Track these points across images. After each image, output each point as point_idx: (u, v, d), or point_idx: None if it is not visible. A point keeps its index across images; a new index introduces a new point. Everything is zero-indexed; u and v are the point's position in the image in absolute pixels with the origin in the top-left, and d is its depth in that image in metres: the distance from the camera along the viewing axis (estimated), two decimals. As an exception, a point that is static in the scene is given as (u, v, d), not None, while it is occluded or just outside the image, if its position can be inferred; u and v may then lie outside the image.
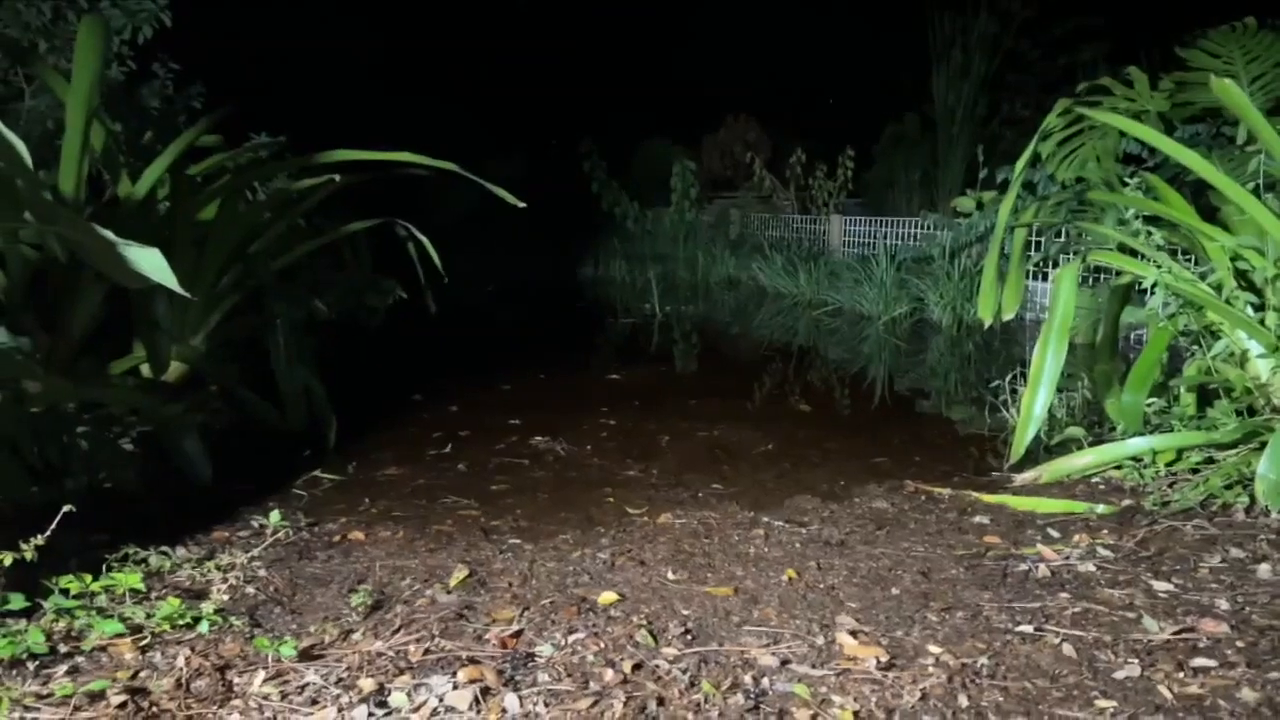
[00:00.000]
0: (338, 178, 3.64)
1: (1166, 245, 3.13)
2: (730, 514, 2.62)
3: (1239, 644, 1.62)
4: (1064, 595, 1.87)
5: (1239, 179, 2.99)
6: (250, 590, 1.98)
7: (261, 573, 2.09)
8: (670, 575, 2.11)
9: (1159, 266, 2.86)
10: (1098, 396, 3.22)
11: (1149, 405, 2.96)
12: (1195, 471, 2.62)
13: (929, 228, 7.96)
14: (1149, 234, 3.08)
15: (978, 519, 2.46)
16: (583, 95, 16.33)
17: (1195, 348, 2.92)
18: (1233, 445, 2.61)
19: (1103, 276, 5.78)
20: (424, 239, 3.89)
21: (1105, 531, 2.27)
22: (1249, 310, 2.74)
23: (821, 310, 7.87)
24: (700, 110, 15.19)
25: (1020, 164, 3.22)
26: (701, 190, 12.74)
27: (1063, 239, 6.37)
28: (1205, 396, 2.93)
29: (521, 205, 3.36)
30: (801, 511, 2.62)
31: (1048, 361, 2.81)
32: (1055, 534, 2.31)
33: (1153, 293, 2.90)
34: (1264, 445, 2.38)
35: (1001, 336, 6.01)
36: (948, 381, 4.84)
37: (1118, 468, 2.75)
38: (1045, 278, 6.52)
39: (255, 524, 2.51)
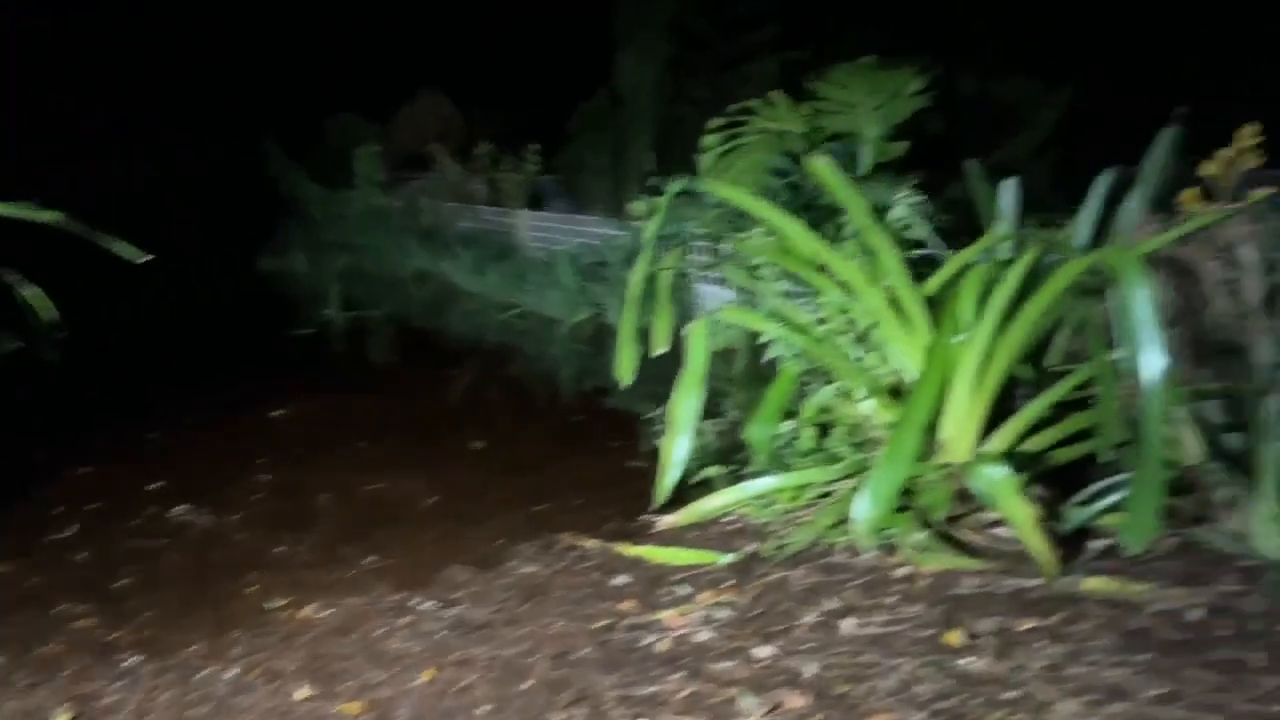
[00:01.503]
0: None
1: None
2: (380, 597, 2.56)
3: (817, 718, 1.80)
4: (678, 676, 2.00)
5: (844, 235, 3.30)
6: None
7: None
8: (300, 694, 2.01)
9: (778, 315, 3.12)
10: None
11: (794, 440, 3.21)
12: (814, 507, 2.89)
13: (610, 229, 8.20)
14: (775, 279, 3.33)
15: (619, 579, 2.57)
16: (261, 63, 14.96)
17: (815, 385, 3.21)
18: (845, 479, 2.91)
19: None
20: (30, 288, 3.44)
21: (728, 586, 2.45)
22: (857, 352, 3.05)
23: (510, 314, 7.89)
24: (397, 80, 14.37)
25: (658, 220, 3.38)
26: (393, 172, 12.24)
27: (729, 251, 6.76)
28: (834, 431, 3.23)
29: (142, 259, 3.05)
30: (453, 586, 2.61)
31: (685, 409, 2.96)
32: (685, 591, 2.46)
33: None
34: (867, 483, 2.66)
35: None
36: (620, 399, 5.01)
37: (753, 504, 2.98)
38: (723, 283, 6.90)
39: None
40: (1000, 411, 2.83)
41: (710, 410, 3.45)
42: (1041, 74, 9.86)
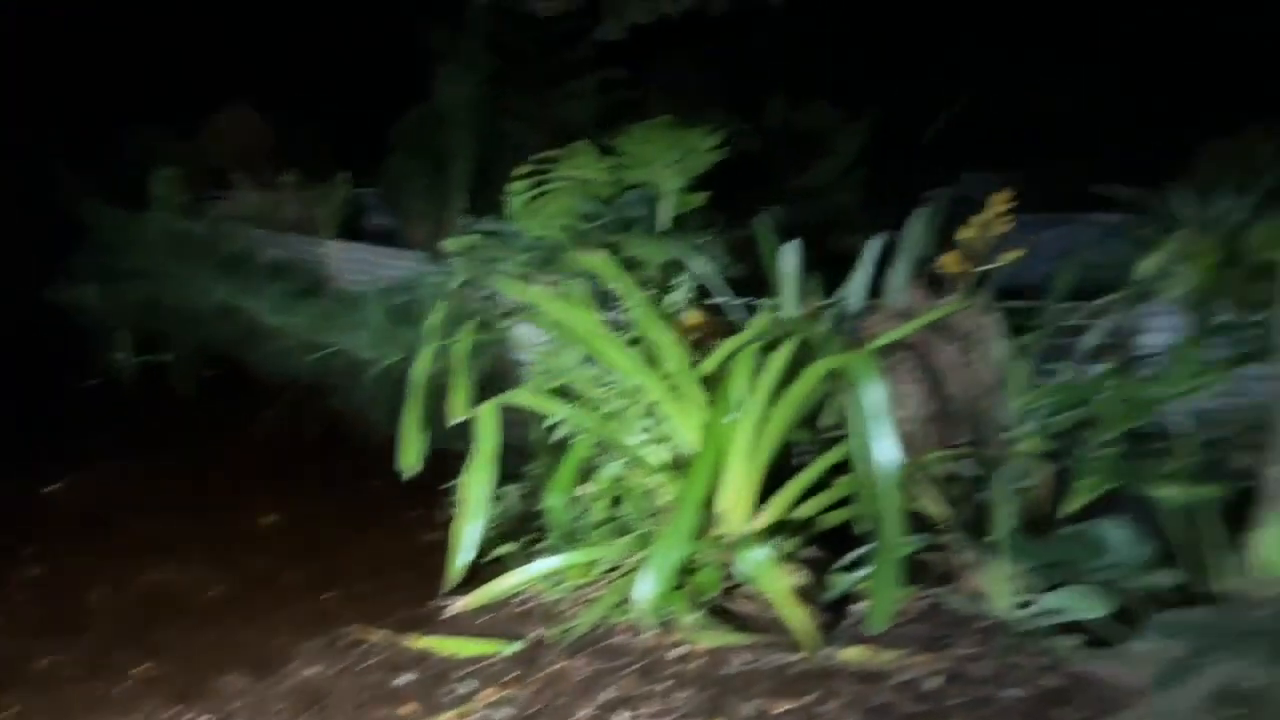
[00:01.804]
0: None
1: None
2: (150, 714, 2.45)
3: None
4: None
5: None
6: None
7: None
8: None
9: (571, 386, 3.19)
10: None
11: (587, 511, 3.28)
12: (604, 582, 2.98)
13: (424, 265, 8.08)
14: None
15: (402, 679, 2.56)
16: (52, 71, 13.69)
17: (608, 455, 3.29)
18: (634, 554, 3.01)
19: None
20: None
21: (510, 679, 2.49)
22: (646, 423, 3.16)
23: (320, 354, 7.63)
24: (204, 91, 13.47)
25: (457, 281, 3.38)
26: (196, 192, 11.58)
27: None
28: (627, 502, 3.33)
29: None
30: (228, 697, 2.53)
31: (477, 491, 2.98)
32: (468, 688, 2.48)
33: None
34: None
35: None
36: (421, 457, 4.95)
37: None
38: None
39: None
40: (779, 475, 3.01)
41: (514, 472, 3.49)
42: (846, 102, 10.44)
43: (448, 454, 3.14)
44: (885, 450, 2.30)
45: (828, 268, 3.86)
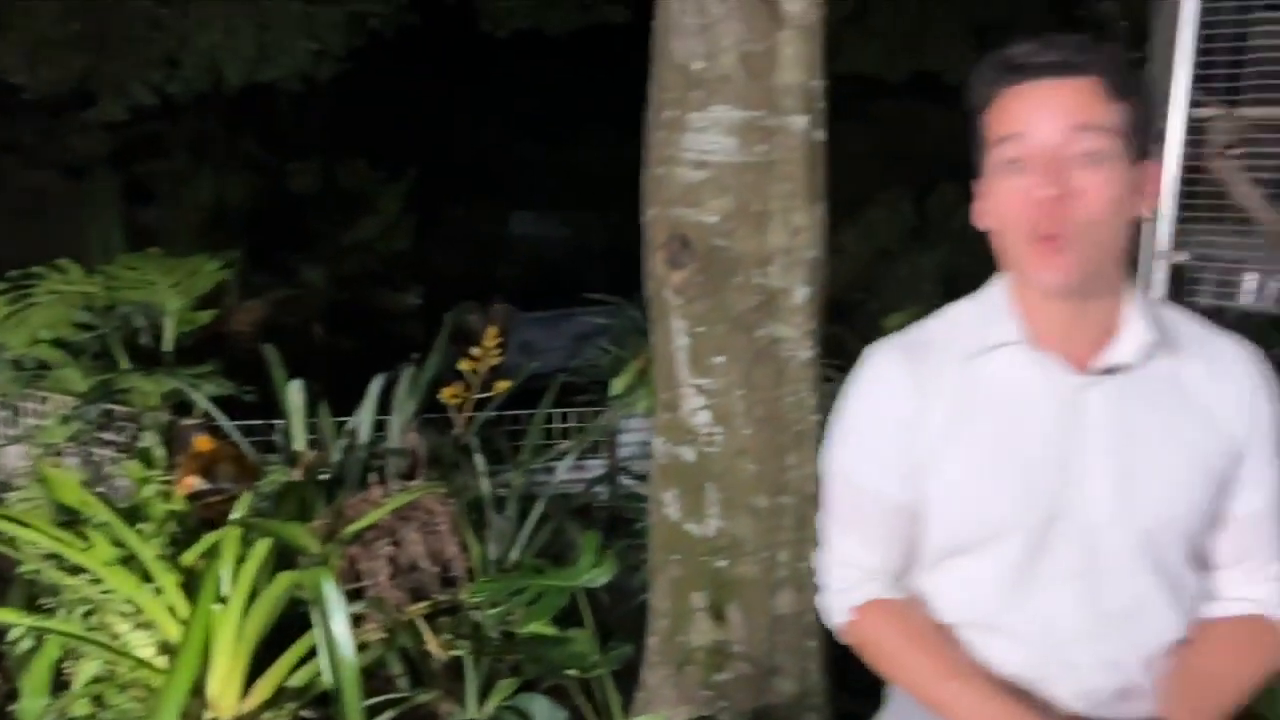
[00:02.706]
0: None
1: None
2: None
3: None
4: None
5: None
6: None
7: None
8: None
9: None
10: None
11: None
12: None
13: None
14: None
15: None
16: None
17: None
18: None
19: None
20: None
21: None
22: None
23: None
24: None
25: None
26: None
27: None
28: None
29: None
30: None
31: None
32: None
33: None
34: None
35: None
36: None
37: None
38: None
39: None
40: (281, 645, 3.14)
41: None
42: (382, 163, 10.66)
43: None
44: (341, 637, 2.58)
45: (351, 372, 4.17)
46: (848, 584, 1.51)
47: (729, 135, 2.30)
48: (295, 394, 4.16)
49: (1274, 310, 2.69)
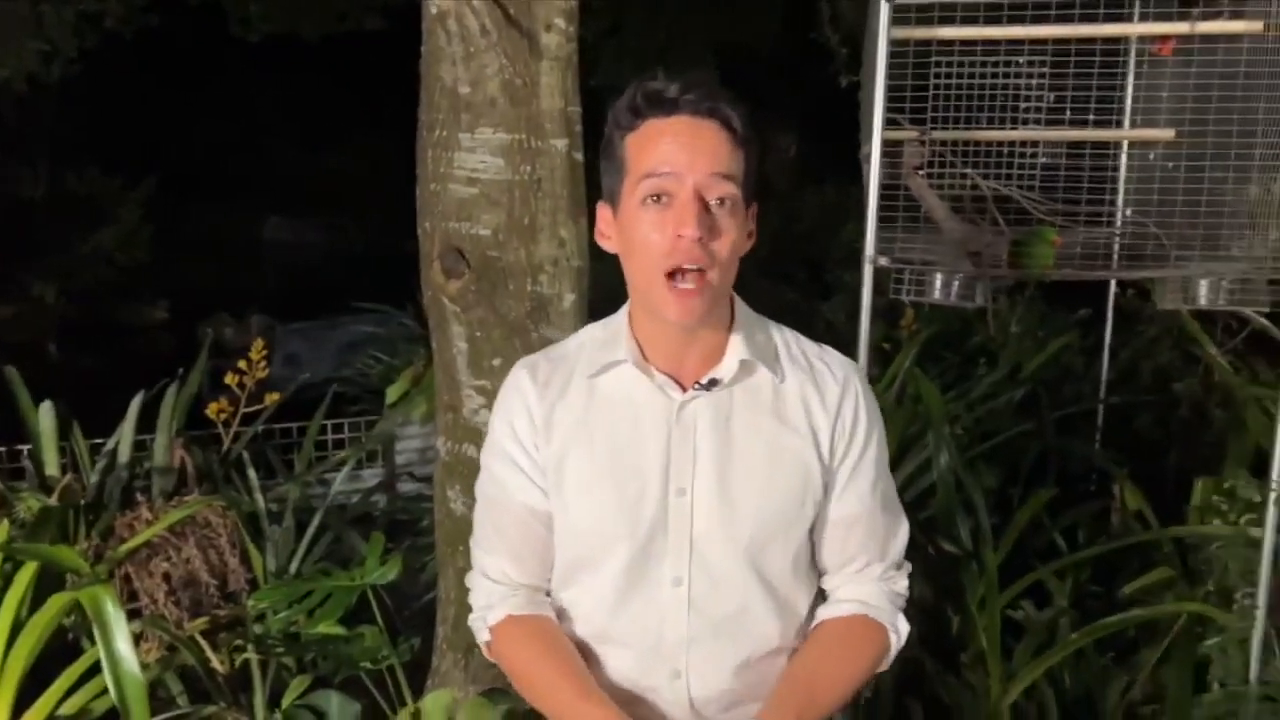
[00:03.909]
0: None
1: None
2: None
3: None
4: None
5: None
6: None
7: None
8: None
9: None
10: None
11: None
12: None
13: None
14: None
15: None
16: None
17: None
18: None
19: None
20: None
21: None
22: None
23: None
24: None
25: None
26: None
27: None
28: None
29: None
30: None
31: None
32: None
33: None
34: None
35: None
36: None
37: None
38: None
39: None
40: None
41: None
42: (120, 169, 9.98)
43: None
44: (124, 655, 2.55)
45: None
46: (491, 600, 1.51)
47: (496, 155, 2.51)
48: (46, 417, 3.95)
49: (958, 304, 3.20)
